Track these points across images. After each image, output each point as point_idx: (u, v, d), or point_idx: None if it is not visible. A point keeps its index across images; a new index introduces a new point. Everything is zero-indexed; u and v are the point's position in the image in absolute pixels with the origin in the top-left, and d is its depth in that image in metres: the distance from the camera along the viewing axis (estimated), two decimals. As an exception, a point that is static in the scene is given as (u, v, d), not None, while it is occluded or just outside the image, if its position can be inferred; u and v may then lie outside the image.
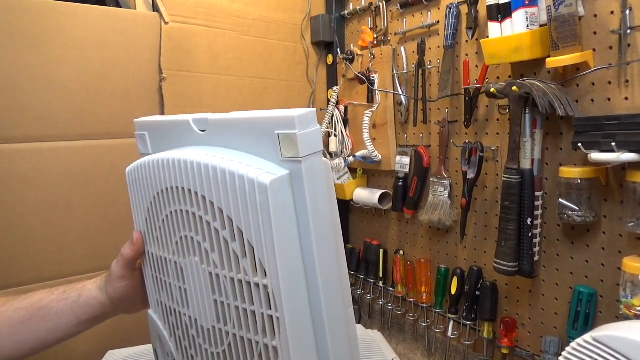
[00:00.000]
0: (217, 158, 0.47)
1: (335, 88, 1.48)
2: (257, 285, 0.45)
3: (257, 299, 0.46)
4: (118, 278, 0.63)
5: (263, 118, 0.46)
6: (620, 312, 0.79)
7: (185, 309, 0.57)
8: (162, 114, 1.22)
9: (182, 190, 0.51)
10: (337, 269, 0.47)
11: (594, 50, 0.86)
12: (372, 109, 1.33)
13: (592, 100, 0.88)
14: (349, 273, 1.64)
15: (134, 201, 0.63)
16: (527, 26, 0.90)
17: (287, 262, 0.44)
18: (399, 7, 1.27)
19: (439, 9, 1.17)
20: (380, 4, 1.33)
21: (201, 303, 0.53)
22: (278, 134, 0.44)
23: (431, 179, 1.20)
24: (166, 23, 1.20)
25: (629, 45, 0.81)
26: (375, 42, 1.36)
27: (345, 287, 0.49)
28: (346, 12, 1.49)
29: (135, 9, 1.19)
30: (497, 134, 1.05)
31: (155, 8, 1.20)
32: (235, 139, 0.50)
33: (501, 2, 0.93)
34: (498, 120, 1.05)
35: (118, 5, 1.19)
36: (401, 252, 1.35)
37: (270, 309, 0.45)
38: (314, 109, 0.44)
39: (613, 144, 0.77)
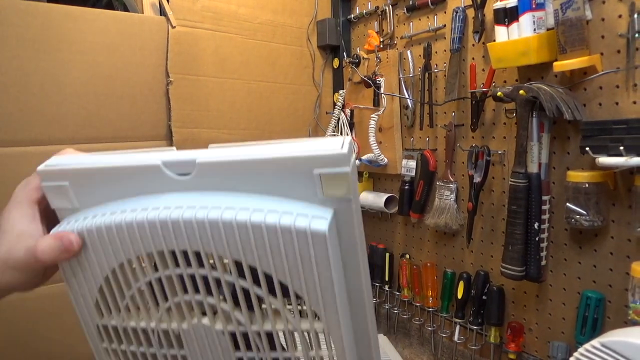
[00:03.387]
0: (243, 211, 0.38)
1: (341, 91, 1.48)
2: (305, 332, 0.42)
3: (305, 344, 0.42)
4: (17, 270, 0.46)
5: (297, 158, 0.37)
6: (629, 318, 0.79)
7: None
8: (169, 117, 1.23)
9: (181, 254, 0.41)
10: (369, 289, 0.44)
11: (602, 54, 0.86)
12: (378, 113, 1.33)
13: (600, 104, 0.87)
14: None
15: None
16: (534, 30, 0.89)
17: (342, 304, 0.39)
18: (405, 10, 1.27)
19: (445, 12, 1.17)
20: (387, 8, 1.33)
21: None
22: (320, 174, 0.36)
23: (437, 183, 1.19)
24: (173, 27, 1.21)
25: (637, 49, 0.80)
26: (382, 46, 1.36)
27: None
28: (352, 15, 1.49)
29: (143, 13, 1.20)
30: (504, 137, 1.05)
31: (162, 12, 1.21)
32: (236, 181, 0.40)
33: (508, 5, 0.93)
34: (505, 124, 1.05)
35: (125, 9, 1.20)
36: (407, 255, 1.35)
37: (313, 348, 0.42)
38: (349, 138, 0.38)
39: (621, 147, 0.77)
